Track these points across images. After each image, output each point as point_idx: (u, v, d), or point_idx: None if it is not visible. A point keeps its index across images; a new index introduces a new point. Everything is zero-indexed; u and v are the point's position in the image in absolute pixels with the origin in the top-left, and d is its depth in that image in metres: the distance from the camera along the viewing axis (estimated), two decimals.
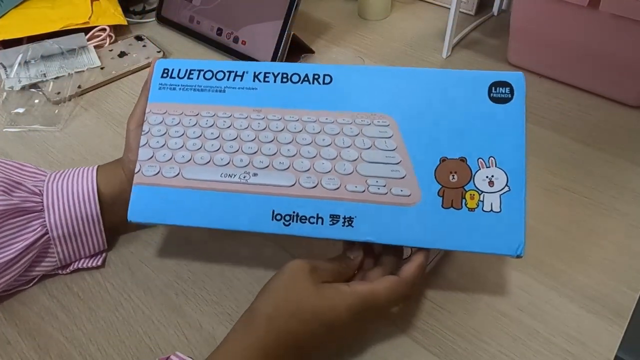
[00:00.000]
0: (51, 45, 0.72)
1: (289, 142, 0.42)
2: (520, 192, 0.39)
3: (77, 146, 0.62)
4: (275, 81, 0.44)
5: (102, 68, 0.73)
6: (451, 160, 0.39)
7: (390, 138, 0.41)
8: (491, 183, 0.39)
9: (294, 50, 0.72)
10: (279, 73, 0.44)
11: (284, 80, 0.44)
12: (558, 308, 0.45)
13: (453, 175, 0.39)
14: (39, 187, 0.45)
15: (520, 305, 0.45)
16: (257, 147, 0.42)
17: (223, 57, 0.76)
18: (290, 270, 0.38)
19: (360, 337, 0.43)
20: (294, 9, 0.68)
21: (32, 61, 0.71)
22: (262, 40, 0.71)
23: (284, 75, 0.44)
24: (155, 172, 0.43)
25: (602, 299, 0.45)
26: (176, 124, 0.44)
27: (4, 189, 0.44)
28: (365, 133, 0.41)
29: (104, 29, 0.79)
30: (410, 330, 0.43)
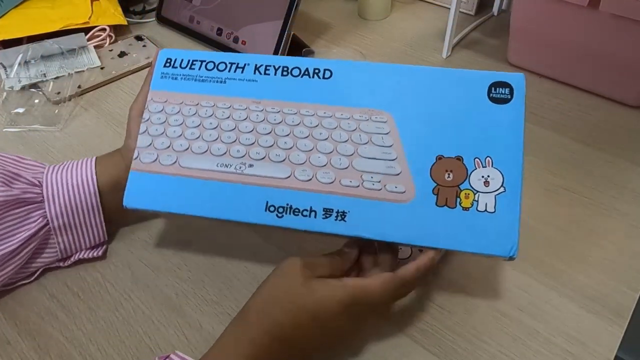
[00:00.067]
0: (51, 45, 0.72)
1: (286, 135, 0.42)
2: (515, 193, 0.38)
3: (77, 146, 0.62)
4: (275, 74, 0.44)
5: (102, 68, 0.74)
6: (447, 159, 0.39)
7: (387, 134, 0.40)
8: (487, 183, 0.38)
9: (293, 51, 0.72)
10: (279, 66, 0.44)
11: (285, 74, 0.44)
12: (558, 308, 0.45)
13: (448, 174, 0.39)
14: (38, 179, 0.46)
15: (520, 305, 0.45)
16: (254, 138, 0.42)
17: None
18: (283, 267, 0.38)
19: (360, 337, 0.43)
20: (294, 9, 0.68)
21: (32, 61, 0.71)
22: (262, 40, 0.71)
23: (285, 69, 0.44)
24: (152, 159, 0.43)
25: (602, 299, 0.45)
26: (176, 113, 0.44)
27: (4, 180, 0.44)
28: (363, 128, 0.41)
29: (104, 29, 0.79)
30: (410, 330, 0.43)
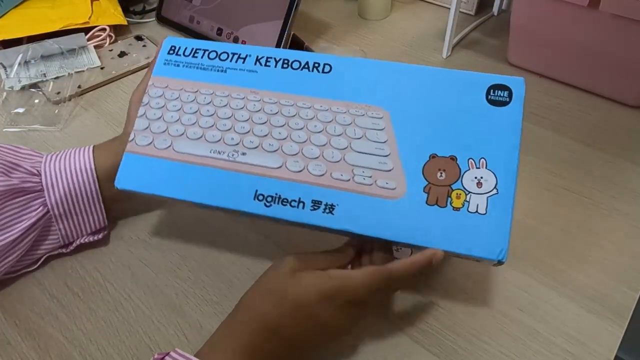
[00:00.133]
0: (51, 45, 0.72)
1: (281, 126, 0.42)
2: (508, 196, 0.37)
3: (77, 146, 0.62)
4: (276, 66, 0.44)
5: (102, 68, 0.74)
6: (441, 158, 0.39)
7: (382, 130, 0.40)
8: (479, 184, 0.38)
9: None
10: (280, 59, 0.44)
11: (285, 66, 0.44)
12: (558, 308, 0.45)
13: (441, 173, 0.38)
14: (37, 168, 0.46)
15: (520, 305, 0.45)
16: (249, 127, 0.42)
17: None
18: (277, 262, 0.39)
19: (360, 337, 0.43)
20: (294, 9, 0.68)
21: (32, 61, 0.71)
22: (262, 40, 0.71)
23: (285, 61, 0.44)
24: (148, 142, 0.43)
25: (602, 299, 0.45)
26: (175, 99, 0.44)
27: (3, 170, 0.44)
28: (358, 123, 0.41)
29: (104, 29, 0.79)
30: (410, 330, 0.43)
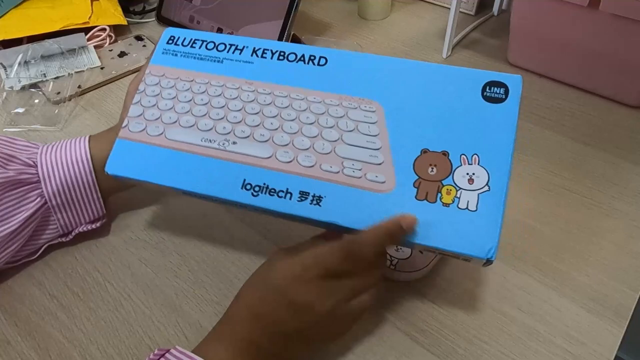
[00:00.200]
0: (51, 45, 0.72)
1: (274, 116, 0.42)
2: (500, 193, 0.37)
3: None
4: (272, 58, 0.44)
5: (102, 68, 0.74)
6: (432, 153, 0.38)
7: (374, 124, 0.40)
8: (471, 180, 0.37)
9: None
10: (277, 51, 0.45)
11: (281, 58, 0.44)
12: (558, 308, 0.45)
13: (432, 168, 0.38)
14: (33, 159, 0.47)
15: (520, 305, 0.45)
16: (241, 117, 0.42)
17: None
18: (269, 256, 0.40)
19: (360, 337, 0.43)
20: (294, 9, 0.68)
21: (32, 61, 0.71)
22: None
23: (281, 53, 0.44)
24: (140, 128, 0.43)
25: (602, 299, 0.45)
26: (170, 87, 0.45)
27: None
28: (350, 116, 0.41)
29: (104, 29, 0.79)
30: (410, 330, 0.43)
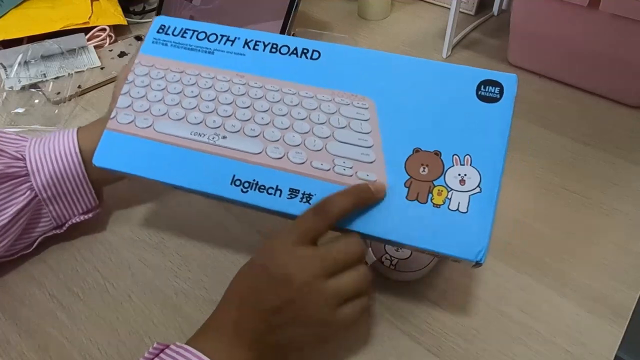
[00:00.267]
0: (51, 45, 0.72)
1: (265, 111, 0.41)
2: (491, 195, 0.36)
3: None
4: (264, 50, 0.44)
5: (102, 68, 0.74)
6: (424, 153, 0.38)
7: (366, 121, 0.40)
8: (462, 182, 0.37)
9: None
10: (269, 43, 0.44)
11: (273, 51, 0.43)
12: (558, 308, 0.45)
13: (424, 168, 0.37)
14: (21, 152, 0.46)
15: (520, 305, 0.45)
16: (232, 110, 0.42)
17: None
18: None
19: (360, 337, 0.43)
20: (294, 9, 0.68)
21: (32, 61, 0.71)
22: None
23: (274, 46, 0.43)
24: (129, 120, 0.43)
25: (602, 299, 0.45)
26: (160, 78, 0.44)
27: None
28: (342, 112, 0.40)
29: (104, 29, 0.79)
30: (411, 331, 0.43)
